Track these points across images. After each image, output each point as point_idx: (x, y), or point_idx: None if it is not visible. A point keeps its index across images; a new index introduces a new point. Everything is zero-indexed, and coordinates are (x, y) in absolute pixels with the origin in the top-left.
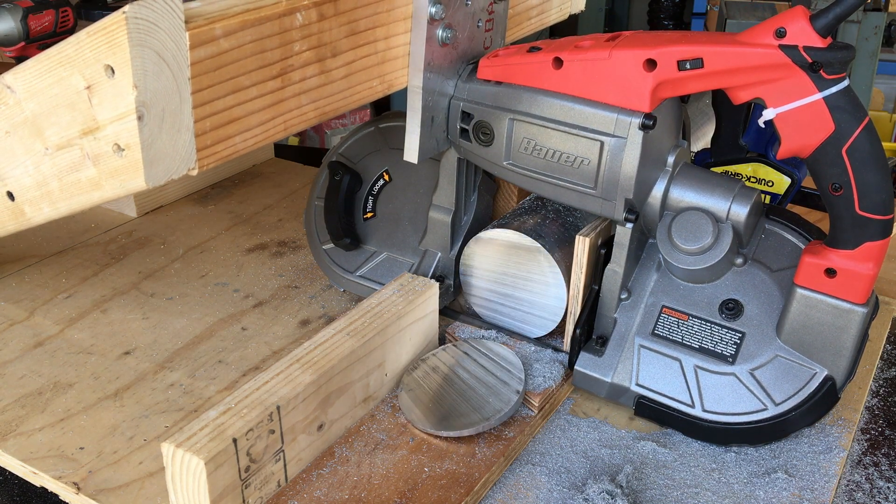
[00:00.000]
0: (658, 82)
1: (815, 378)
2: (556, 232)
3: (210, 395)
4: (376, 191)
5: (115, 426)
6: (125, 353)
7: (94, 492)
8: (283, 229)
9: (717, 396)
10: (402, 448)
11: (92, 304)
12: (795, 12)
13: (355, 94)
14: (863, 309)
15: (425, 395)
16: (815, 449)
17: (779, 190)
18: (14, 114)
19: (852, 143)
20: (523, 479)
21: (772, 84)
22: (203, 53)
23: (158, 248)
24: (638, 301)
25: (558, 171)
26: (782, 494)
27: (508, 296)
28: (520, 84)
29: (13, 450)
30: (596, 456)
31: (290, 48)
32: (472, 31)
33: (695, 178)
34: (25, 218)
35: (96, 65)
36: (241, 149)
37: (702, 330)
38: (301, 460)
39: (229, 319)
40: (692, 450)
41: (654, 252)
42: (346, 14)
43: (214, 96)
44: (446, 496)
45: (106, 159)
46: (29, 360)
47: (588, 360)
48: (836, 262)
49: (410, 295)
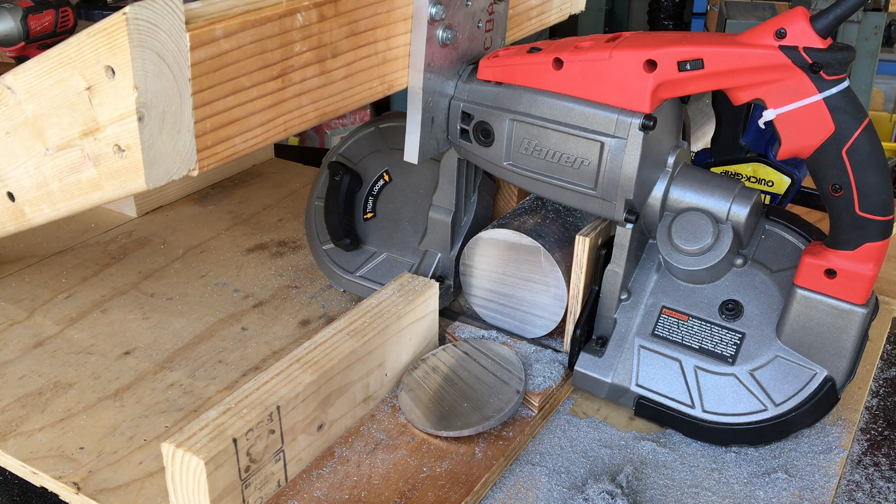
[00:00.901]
0: (658, 83)
1: (815, 378)
2: (557, 232)
3: (210, 395)
4: (376, 191)
5: (116, 426)
6: (125, 353)
7: (94, 492)
8: (283, 229)
9: (717, 397)
10: (402, 448)
11: (92, 304)
12: (795, 13)
13: (355, 95)
14: (863, 309)
15: (425, 395)
16: (815, 449)
17: (779, 190)
18: (14, 114)
19: (852, 143)
20: (523, 480)
21: (772, 85)
22: (204, 54)
23: (158, 248)
24: (638, 301)
25: (558, 172)
26: (782, 494)
27: (508, 296)
28: (520, 85)
29: (13, 450)
30: (596, 456)
31: (290, 49)
32: (473, 31)
33: (695, 178)
34: (25, 218)
35: (97, 66)
36: (242, 149)
37: (702, 330)
38: (301, 460)
39: (229, 319)
40: (692, 450)
41: (654, 253)
42: (346, 15)
43: (215, 97)
44: (446, 496)
45: (106, 160)
46: (29, 360)
47: (588, 361)
48: (836, 262)
49: (410, 295)
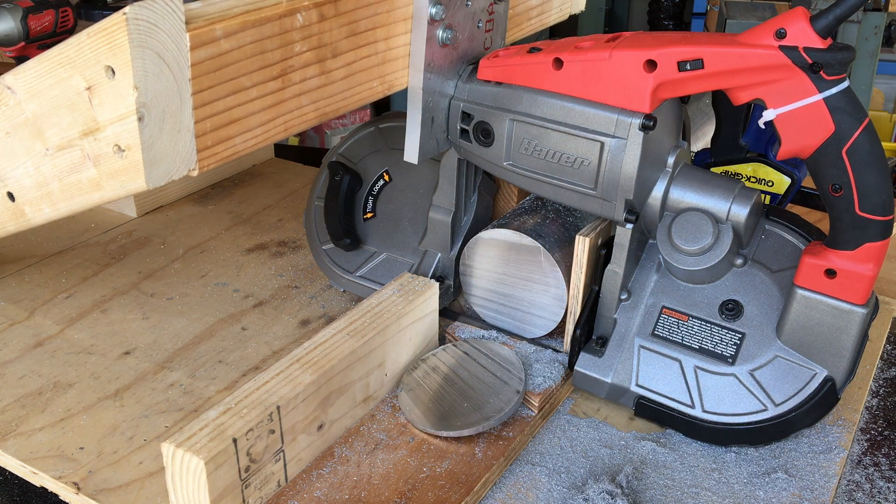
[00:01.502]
0: (658, 83)
1: (815, 378)
2: (557, 232)
3: (210, 395)
4: (376, 191)
5: (115, 426)
6: (125, 353)
7: (93, 492)
8: (283, 229)
9: (718, 397)
10: (402, 448)
11: (92, 304)
12: (796, 13)
13: (355, 95)
14: (863, 309)
15: (425, 395)
16: (815, 449)
17: (779, 190)
18: (14, 114)
19: (852, 143)
20: (523, 480)
21: (772, 85)
22: (204, 54)
23: (158, 248)
24: (638, 302)
25: (558, 172)
26: (782, 494)
27: (508, 296)
28: (520, 85)
29: (13, 450)
30: (596, 456)
31: (290, 49)
32: (473, 31)
33: (695, 178)
34: (25, 218)
35: (97, 66)
36: (242, 149)
37: (702, 330)
38: (301, 460)
39: (229, 319)
40: (692, 450)
41: (654, 253)
42: (346, 15)
43: (215, 97)
44: (446, 496)
45: (106, 160)
46: (29, 360)
47: (588, 361)
48: (836, 262)
49: (410, 295)
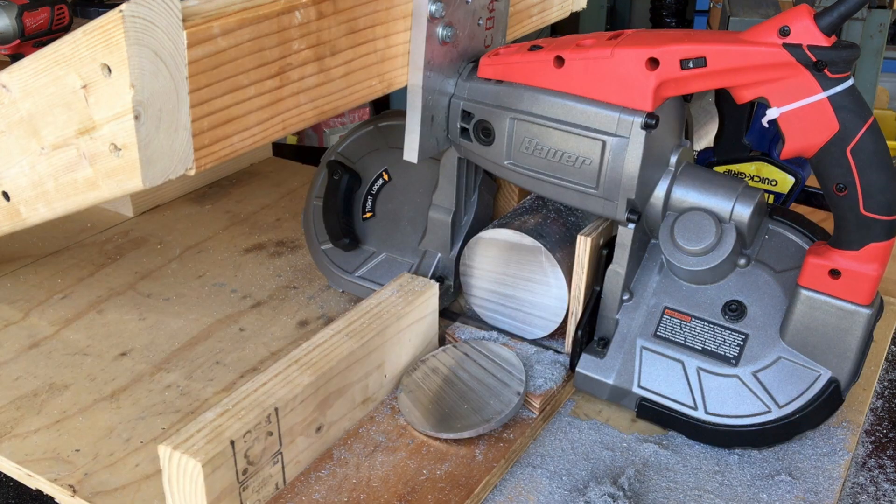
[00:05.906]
0: (661, 81)
1: (819, 380)
2: (558, 232)
3: (207, 396)
4: (375, 190)
5: (112, 428)
6: (121, 355)
7: (90, 494)
8: (282, 229)
9: (721, 399)
10: (402, 450)
11: (88, 304)
12: (799, 10)
13: (354, 94)
14: (867, 310)
15: (425, 397)
16: (819, 451)
17: (782, 189)
18: (9, 113)
19: (857, 142)
20: (524, 482)
21: (775, 83)
22: (201, 52)
23: (155, 248)
24: (640, 302)
25: (559, 171)
26: (786, 497)
27: (509, 296)
28: (521, 83)
29: (8, 452)
30: (598, 458)
31: (288, 47)
32: (473, 29)
33: (698, 177)
34: (21, 218)
35: (93, 64)
36: (240, 148)
37: (704, 331)
38: (299, 462)
39: (227, 320)
40: (695, 452)
41: (656, 253)
42: (344, 12)
43: (212, 95)
44: (446, 499)
45: (102, 159)
46: (24, 362)
47: (589, 362)
48: (841, 263)
49: (410, 295)
